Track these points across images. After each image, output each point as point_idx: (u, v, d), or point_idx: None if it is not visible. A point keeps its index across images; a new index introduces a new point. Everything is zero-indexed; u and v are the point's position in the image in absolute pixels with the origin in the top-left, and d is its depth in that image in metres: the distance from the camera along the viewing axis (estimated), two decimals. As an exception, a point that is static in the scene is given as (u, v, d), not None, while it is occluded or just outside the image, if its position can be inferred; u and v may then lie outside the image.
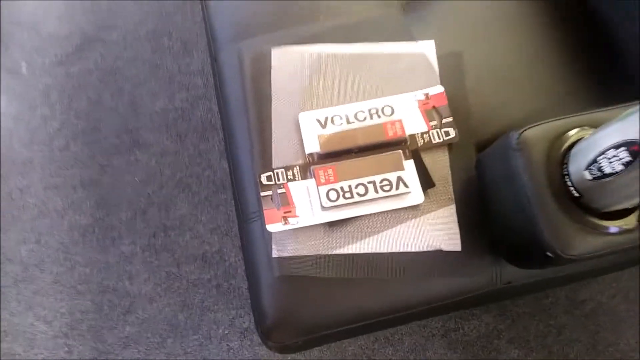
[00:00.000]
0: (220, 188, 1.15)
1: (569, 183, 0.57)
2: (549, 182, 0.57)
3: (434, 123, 0.73)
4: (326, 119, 0.74)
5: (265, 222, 0.68)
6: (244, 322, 1.06)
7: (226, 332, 1.06)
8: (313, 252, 0.68)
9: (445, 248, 0.68)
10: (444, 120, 0.73)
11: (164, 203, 1.15)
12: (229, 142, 0.79)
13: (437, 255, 0.68)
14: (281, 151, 0.73)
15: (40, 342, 1.06)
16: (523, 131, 0.59)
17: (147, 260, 1.11)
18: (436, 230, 0.69)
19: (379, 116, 0.73)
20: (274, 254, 0.68)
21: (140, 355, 1.04)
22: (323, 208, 0.68)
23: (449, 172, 0.72)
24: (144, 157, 1.19)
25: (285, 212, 0.69)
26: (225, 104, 0.81)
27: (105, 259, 1.11)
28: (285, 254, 0.68)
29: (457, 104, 0.74)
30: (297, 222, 0.68)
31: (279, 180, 0.71)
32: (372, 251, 0.68)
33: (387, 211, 0.69)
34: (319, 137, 0.72)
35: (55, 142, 1.21)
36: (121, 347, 1.05)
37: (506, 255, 0.67)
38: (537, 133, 0.59)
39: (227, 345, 1.05)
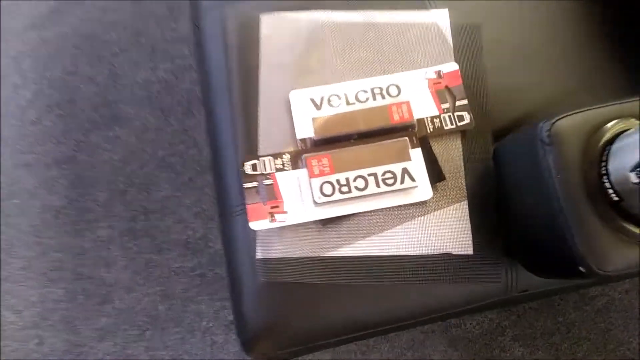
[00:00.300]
0: (205, 169, 1.05)
1: (607, 184, 0.48)
2: (584, 183, 0.48)
3: (446, 106, 0.63)
4: (322, 98, 0.64)
5: (249, 219, 0.59)
6: (230, 315, 0.98)
7: (210, 325, 0.98)
8: (303, 254, 0.59)
9: (455, 252, 0.59)
10: (457, 103, 0.64)
11: (144, 184, 1.05)
12: (210, 122, 0.69)
13: (446, 260, 0.59)
14: (269, 135, 0.63)
15: (8, 333, 0.98)
16: (556, 121, 0.49)
17: (126, 245, 1.02)
18: (445, 231, 0.60)
19: (383, 97, 0.63)
20: (259, 255, 0.59)
21: (117, 349, 0.97)
22: (316, 203, 0.59)
23: (462, 163, 0.62)
24: (124, 133, 1.09)
25: (272, 208, 0.60)
26: (206, 79, 0.71)
27: (80, 244, 1.02)
28: (271, 256, 0.59)
29: (473, 84, 0.64)
30: (286, 219, 0.59)
31: (265, 169, 0.61)
32: (372, 254, 0.59)
33: (389, 208, 0.60)
34: (313, 120, 0.62)
35: (27, 114, 1.11)
36: (96, 339, 0.97)
37: (525, 263, 0.58)
38: (571, 124, 0.50)
39: (211, 339, 0.97)
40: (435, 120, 0.63)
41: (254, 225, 0.59)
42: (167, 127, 1.09)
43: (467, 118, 0.63)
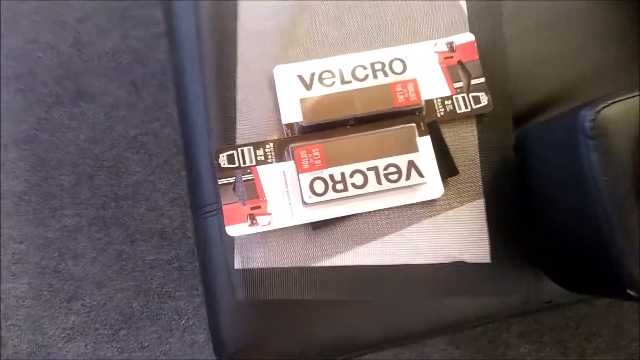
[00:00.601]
0: (182, 150, 0.95)
1: (663, 188, 0.39)
2: (636, 187, 0.39)
3: (459, 85, 0.53)
4: (312, 75, 0.53)
5: (225, 223, 0.49)
6: (212, 311, 0.90)
7: (190, 323, 0.89)
8: (290, 264, 0.50)
9: (469, 260, 0.50)
10: (473, 82, 0.54)
11: (114, 167, 0.95)
12: (180, 102, 0.59)
13: (459, 269, 0.50)
14: (249, 120, 0.53)
15: (-34, 333, 0.89)
16: (601, 109, 0.40)
17: (95, 236, 0.92)
18: (458, 235, 0.51)
19: (385, 74, 0.53)
20: (237, 265, 0.50)
21: (88, 350, 0.88)
22: (305, 204, 0.50)
23: (478, 154, 0.53)
24: (91, 109, 0.97)
25: (252, 208, 0.50)
26: (175, 51, 0.60)
27: (44, 234, 0.92)
28: (252, 266, 0.50)
29: (491, 59, 0.54)
30: (270, 223, 0.50)
31: (244, 162, 0.51)
32: (371, 263, 0.50)
33: (392, 208, 0.51)
34: (301, 101, 0.52)
35: (-18, 88, 0.99)
36: (65, 339, 0.88)
37: (553, 275, 0.50)
38: (621, 112, 0.40)
39: (192, 338, 0.89)
40: (446, 102, 0.53)
41: (231, 230, 0.49)
42: (139, 102, 0.97)
43: (485, 99, 0.53)
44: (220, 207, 0.50)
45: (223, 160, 0.51)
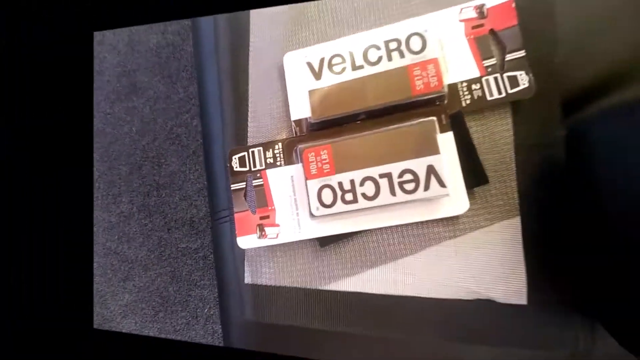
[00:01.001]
0: (202, 147, 0.71)
1: None
2: None
3: (490, 62, 0.25)
4: (322, 61, 0.29)
5: (237, 234, 0.30)
6: (239, 300, 0.68)
7: (211, 312, 0.69)
8: (296, 284, 0.30)
9: (500, 299, 0.25)
10: (508, 57, 0.25)
11: (156, 157, 0.75)
12: (200, 100, 0.37)
13: (486, 310, 0.25)
14: (259, 117, 0.31)
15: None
16: None
17: (142, 222, 0.75)
18: (486, 265, 0.25)
19: (401, 54, 0.26)
20: (247, 280, 0.32)
21: (137, 327, 0.73)
22: (312, 216, 0.27)
23: (514, 155, 0.24)
24: (140, 103, 0.78)
25: (261, 218, 0.30)
26: (197, 45, 0.37)
27: (108, 218, 0.78)
28: (261, 282, 0.31)
29: (534, 25, 0.25)
30: (278, 235, 0.29)
31: (254, 165, 0.30)
32: (379, 291, 0.28)
33: (407, 225, 0.27)
34: (310, 93, 0.28)
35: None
36: (121, 315, 0.74)
37: (622, 334, 0.21)
38: None
39: (212, 328, 0.69)
40: (474, 86, 0.25)
41: (242, 242, 0.30)
42: (174, 95, 0.76)
43: (524, 80, 0.24)
44: (232, 213, 0.30)
45: (235, 162, 0.30)
